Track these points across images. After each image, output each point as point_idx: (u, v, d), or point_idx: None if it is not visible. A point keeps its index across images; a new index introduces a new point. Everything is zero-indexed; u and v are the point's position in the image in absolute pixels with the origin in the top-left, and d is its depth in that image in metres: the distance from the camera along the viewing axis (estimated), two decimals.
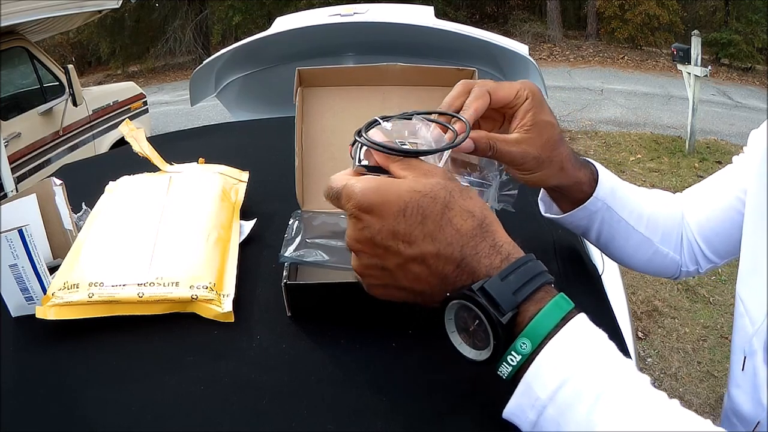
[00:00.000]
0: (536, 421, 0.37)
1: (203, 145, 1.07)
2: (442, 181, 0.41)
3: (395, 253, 0.40)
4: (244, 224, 0.74)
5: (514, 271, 0.39)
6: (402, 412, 0.48)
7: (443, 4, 9.76)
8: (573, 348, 0.37)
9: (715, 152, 5.24)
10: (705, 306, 2.94)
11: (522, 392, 0.38)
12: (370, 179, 0.41)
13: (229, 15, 10.37)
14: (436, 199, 0.39)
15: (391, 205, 0.39)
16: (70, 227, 0.68)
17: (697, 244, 0.67)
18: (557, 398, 0.36)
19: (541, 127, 0.52)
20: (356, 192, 0.40)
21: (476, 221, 0.40)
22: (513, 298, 0.38)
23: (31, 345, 0.57)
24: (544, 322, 0.38)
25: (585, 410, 0.35)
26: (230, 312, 0.59)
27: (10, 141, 3.29)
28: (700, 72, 4.72)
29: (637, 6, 9.28)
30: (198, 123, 6.03)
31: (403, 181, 0.41)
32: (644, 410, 0.36)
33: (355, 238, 0.41)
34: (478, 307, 0.38)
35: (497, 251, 0.40)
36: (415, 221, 0.39)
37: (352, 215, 0.41)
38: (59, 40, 9.85)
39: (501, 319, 0.37)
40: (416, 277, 0.41)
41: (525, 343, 0.38)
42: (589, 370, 0.36)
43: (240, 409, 0.48)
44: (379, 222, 0.40)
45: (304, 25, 2.10)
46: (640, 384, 0.37)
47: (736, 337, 0.58)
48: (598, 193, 0.60)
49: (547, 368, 0.37)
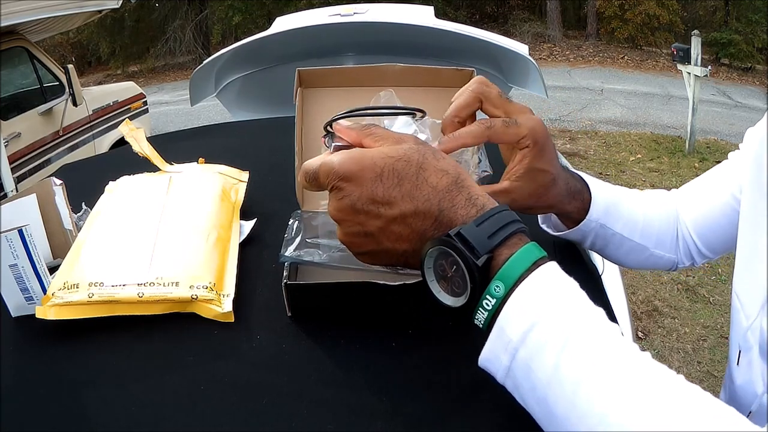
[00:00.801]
0: (509, 366, 0.38)
1: (203, 145, 1.07)
2: (414, 145, 0.43)
3: (376, 216, 0.42)
4: (244, 224, 0.74)
5: (488, 218, 0.40)
6: (402, 412, 0.48)
7: (443, 4, 9.76)
8: (543, 291, 0.38)
9: (715, 152, 5.24)
10: (705, 306, 2.95)
11: (496, 336, 0.39)
12: (345, 152, 0.44)
13: (229, 15, 10.37)
14: (410, 162, 0.42)
15: (368, 171, 0.41)
16: (70, 227, 0.68)
17: (692, 239, 0.68)
18: (527, 341, 0.37)
19: (534, 174, 0.55)
20: (334, 164, 0.43)
21: (451, 178, 0.42)
22: (488, 242, 0.39)
23: (31, 345, 0.57)
24: (516, 265, 0.39)
25: (554, 354, 0.36)
26: (230, 312, 0.59)
27: (10, 141, 3.30)
28: (700, 72, 4.73)
29: (637, 6, 9.29)
30: (198, 123, 6.03)
31: (377, 148, 0.43)
32: (611, 357, 0.36)
33: (337, 208, 0.43)
34: (455, 251, 0.40)
35: (473, 203, 0.41)
36: (392, 183, 0.41)
37: (332, 187, 0.43)
38: (59, 40, 9.86)
39: (477, 262, 0.39)
40: (398, 236, 0.43)
41: (498, 286, 0.39)
42: (558, 313, 0.37)
43: (240, 409, 0.48)
44: (358, 189, 0.42)
45: (304, 25, 2.11)
46: (610, 332, 0.38)
47: (732, 331, 0.58)
48: (591, 216, 0.62)
49: (518, 310, 0.38)
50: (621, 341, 0.38)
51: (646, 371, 0.36)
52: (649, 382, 0.36)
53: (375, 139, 0.45)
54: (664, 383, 0.36)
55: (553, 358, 0.36)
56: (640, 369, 0.36)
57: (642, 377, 0.36)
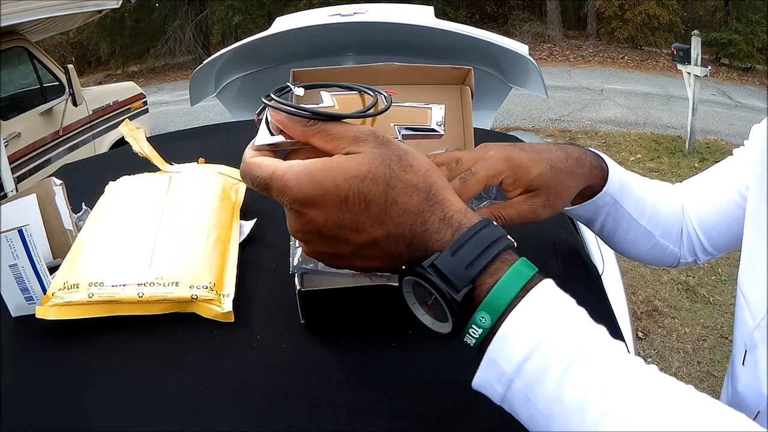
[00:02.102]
0: (504, 394, 0.36)
1: (203, 145, 1.07)
2: (376, 151, 0.37)
3: (345, 241, 0.38)
4: (244, 224, 0.74)
5: (465, 243, 0.36)
6: (402, 412, 0.48)
7: (443, 4, 9.76)
8: (537, 318, 0.35)
9: (715, 152, 5.24)
10: (705, 306, 2.95)
11: (487, 366, 0.36)
12: (300, 167, 0.37)
13: (229, 15, 10.36)
14: (377, 181, 0.37)
15: (331, 197, 0.37)
16: (70, 227, 0.68)
17: (696, 236, 0.68)
18: (524, 372, 0.34)
19: (535, 183, 0.54)
20: (289, 186, 0.37)
21: (421, 195, 0.37)
22: (466, 273, 0.36)
23: (31, 345, 0.57)
24: (502, 293, 0.35)
25: (554, 382, 0.34)
26: (230, 312, 0.59)
27: (10, 141, 3.29)
28: (700, 72, 4.72)
29: (637, 6, 9.28)
30: (198, 123, 6.03)
31: (336, 165, 0.37)
32: (616, 379, 0.34)
33: (299, 230, 0.39)
34: (430, 285, 0.36)
35: (447, 224, 0.37)
36: (359, 209, 0.37)
37: (291, 209, 0.38)
38: (59, 40, 9.85)
39: (455, 297, 0.35)
40: (371, 257, 0.39)
41: (484, 317, 0.36)
42: (555, 339, 0.34)
43: (240, 409, 0.48)
44: (322, 215, 0.37)
45: (304, 25, 2.10)
46: (613, 351, 0.35)
47: (737, 330, 0.58)
48: (608, 188, 0.61)
49: (510, 341, 0.35)
50: (626, 358, 0.35)
51: (655, 387, 0.34)
52: (660, 396, 0.33)
53: (325, 138, 0.39)
54: (676, 397, 0.33)
55: (554, 385, 0.34)
56: (648, 385, 0.34)
57: (651, 393, 0.33)
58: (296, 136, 0.40)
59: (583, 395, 0.33)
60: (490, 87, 2.25)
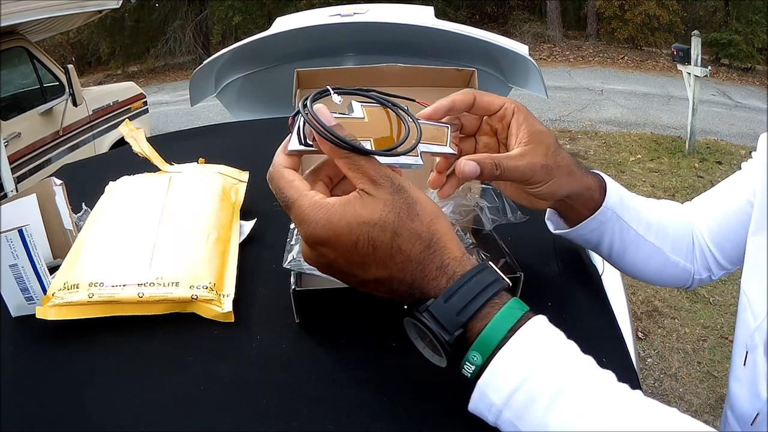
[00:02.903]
0: (495, 422, 0.40)
1: (203, 145, 1.07)
2: (389, 198, 0.41)
3: (353, 275, 0.43)
4: (244, 224, 0.74)
5: (457, 291, 0.40)
6: (402, 412, 0.48)
7: (443, 4, 9.76)
8: (523, 355, 0.39)
9: (715, 152, 5.23)
10: (705, 306, 2.95)
11: (478, 398, 0.40)
12: (321, 208, 0.41)
13: (229, 15, 10.37)
14: (385, 228, 0.41)
15: (343, 239, 0.41)
16: (70, 227, 0.68)
17: (709, 250, 0.67)
18: (512, 403, 0.38)
19: (539, 137, 0.53)
20: (308, 222, 0.41)
21: (423, 244, 0.41)
22: (457, 319, 0.40)
23: (31, 345, 0.57)
24: (490, 336, 0.39)
25: (541, 411, 0.37)
26: (230, 312, 0.59)
27: (10, 141, 3.30)
28: (700, 72, 4.72)
29: (637, 6, 9.28)
30: (198, 123, 6.03)
31: (353, 211, 0.41)
32: (601, 406, 0.37)
33: (312, 259, 0.44)
34: (426, 328, 0.40)
35: (443, 272, 0.41)
36: (367, 252, 0.41)
37: (306, 242, 0.43)
38: (59, 40, 9.85)
39: (447, 339, 0.40)
40: (375, 290, 0.44)
41: (475, 356, 0.40)
42: (543, 373, 0.38)
43: (240, 409, 0.48)
44: (333, 253, 0.42)
45: (304, 25, 2.10)
46: (600, 380, 0.38)
47: (738, 331, 0.58)
48: (608, 202, 0.59)
49: (498, 376, 0.39)
50: (612, 387, 0.38)
51: (637, 414, 0.36)
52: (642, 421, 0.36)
53: (349, 167, 0.42)
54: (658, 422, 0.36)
55: (540, 416, 0.37)
56: (631, 412, 0.37)
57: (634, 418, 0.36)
58: (326, 153, 0.43)
59: (568, 422, 0.36)
60: (490, 87, 2.25)
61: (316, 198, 0.42)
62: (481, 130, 0.56)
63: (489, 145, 0.56)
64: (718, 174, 4.55)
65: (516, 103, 0.53)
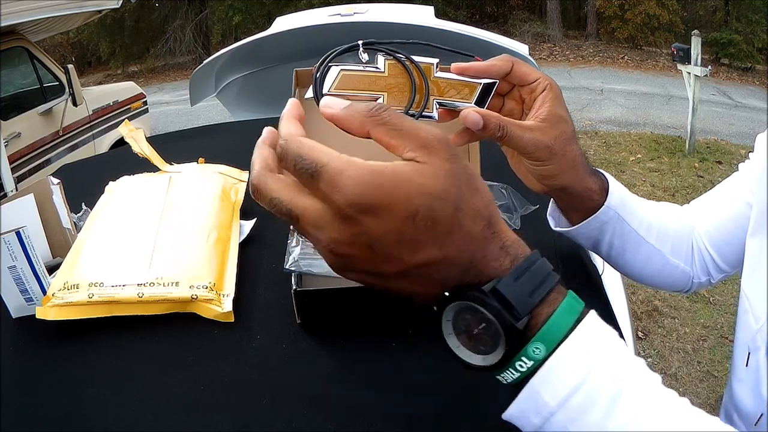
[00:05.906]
0: (541, 425, 0.35)
1: (203, 145, 1.07)
2: (448, 166, 0.34)
3: (397, 260, 0.34)
4: (244, 224, 0.74)
5: (526, 270, 0.35)
6: (402, 412, 0.48)
7: (443, 4, 9.76)
8: (586, 351, 0.34)
9: (715, 152, 5.23)
10: (705, 306, 2.94)
11: (527, 397, 0.35)
12: (365, 166, 0.32)
13: (229, 15, 10.37)
14: (448, 200, 0.33)
15: (400, 208, 0.32)
16: (68, 226, 0.68)
17: (708, 253, 0.66)
18: (569, 404, 0.34)
19: (556, 119, 0.52)
20: (348, 184, 0.31)
21: (485, 221, 0.35)
22: (529, 301, 0.34)
23: (31, 345, 0.57)
24: (559, 325, 0.34)
25: (599, 415, 0.34)
26: (230, 312, 0.59)
27: (10, 141, 3.30)
28: (700, 72, 4.72)
29: (637, 6, 9.28)
30: (198, 123, 6.03)
31: (409, 176, 0.33)
32: (657, 411, 0.34)
33: (344, 242, 0.33)
34: (490, 310, 0.34)
35: (506, 252, 0.36)
36: (425, 226, 0.33)
37: (341, 215, 0.32)
38: (59, 40, 9.86)
39: (516, 325, 0.34)
40: (415, 280, 0.35)
41: (538, 348, 0.34)
42: (603, 373, 0.34)
43: (240, 409, 0.48)
44: (383, 226, 0.32)
45: (304, 25, 2.10)
46: (653, 384, 0.35)
47: (740, 333, 0.58)
48: (610, 202, 0.59)
49: (558, 374, 0.34)
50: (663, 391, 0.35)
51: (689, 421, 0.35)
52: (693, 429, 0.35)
53: (390, 133, 0.34)
54: None
55: (599, 418, 0.33)
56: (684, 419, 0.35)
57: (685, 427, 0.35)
58: (354, 130, 0.35)
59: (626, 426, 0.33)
60: None
61: (354, 159, 0.32)
62: (511, 95, 0.56)
63: (513, 110, 0.55)
64: (718, 174, 4.55)
65: (551, 81, 0.53)
